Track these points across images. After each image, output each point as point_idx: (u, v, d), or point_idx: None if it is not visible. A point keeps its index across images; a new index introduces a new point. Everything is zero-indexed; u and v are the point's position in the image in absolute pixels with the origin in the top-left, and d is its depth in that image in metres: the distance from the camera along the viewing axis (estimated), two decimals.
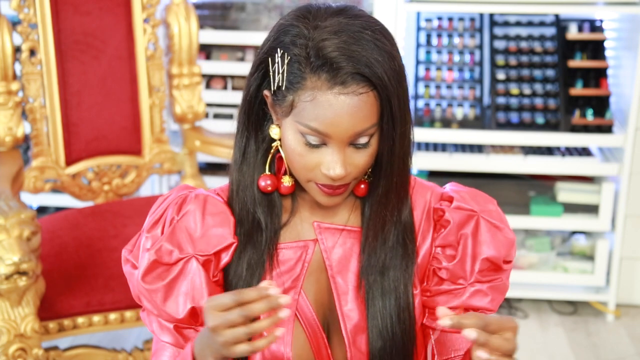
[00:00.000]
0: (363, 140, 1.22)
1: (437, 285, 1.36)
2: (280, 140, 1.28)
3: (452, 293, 1.35)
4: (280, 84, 1.21)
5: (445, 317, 1.13)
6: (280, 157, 1.31)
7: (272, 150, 1.30)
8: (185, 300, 1.29)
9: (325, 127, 1.19)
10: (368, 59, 1.18)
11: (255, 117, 1.30)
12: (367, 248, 1.32)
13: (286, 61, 1.20)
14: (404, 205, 1.33)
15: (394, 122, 1.22)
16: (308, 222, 1.35)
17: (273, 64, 1.22)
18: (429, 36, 3.21)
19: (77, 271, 2.23)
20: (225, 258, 1.32)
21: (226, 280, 1.33)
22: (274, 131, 1.28)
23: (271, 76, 1.23)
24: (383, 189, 1.28)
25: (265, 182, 1.31)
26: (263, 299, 1.13)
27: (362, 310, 1.33)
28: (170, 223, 1.32)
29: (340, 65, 1.17)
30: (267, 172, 1.31)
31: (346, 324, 1.33)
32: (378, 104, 1.20)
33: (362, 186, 1.32)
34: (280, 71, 1.21)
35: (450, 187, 1.40)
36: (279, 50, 1.21)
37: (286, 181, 1.31)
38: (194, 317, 1.31)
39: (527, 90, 3.13)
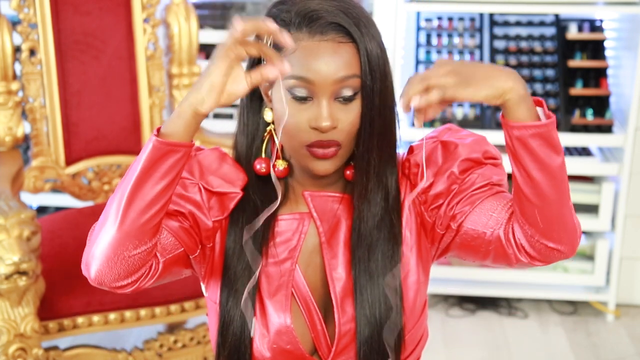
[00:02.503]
0: (347, 92, 1.26)
1: (450, 208, 1.34)
2: (273, 122, 1.33)
3: (457, 197, 1.33)
4: None
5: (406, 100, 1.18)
6: (275, 142, 1.35)
7: (266, 134, 1.35)
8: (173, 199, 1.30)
9: (307, 72, 1.24)
10: (347, 15, 1.25)
11: (254, 105, 1.36)
12: (358, 208, 1.34)
13: None
14: (387, 170, 1.34)
15: (372, 77, 1.26)
16: (303, 202, 1.38)
17: (264, 40, 1.27)
18: (429, 36, 3.21)
19: (77, 271, 2.22)
20: (230, 205, 1.35)
21: (227, 251, 1.36)
22: (267, 114, 1.33)
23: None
24: (363, 147, 1.30)
25: (260, 165, 1.35)
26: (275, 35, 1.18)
27: (349, 274, 1.35)
28: None
29: (319, 16, 1.25)
30: (262, 155, 1.36)
31: (335, 286, 1.35)
32: (358, 58, 1.26)
33: (348, 172, 1.35)
34: (269, 42, 1.25)
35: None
36: None
37: (279, 164, 1.35)
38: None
39: None
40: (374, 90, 1.26)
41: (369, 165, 1.31)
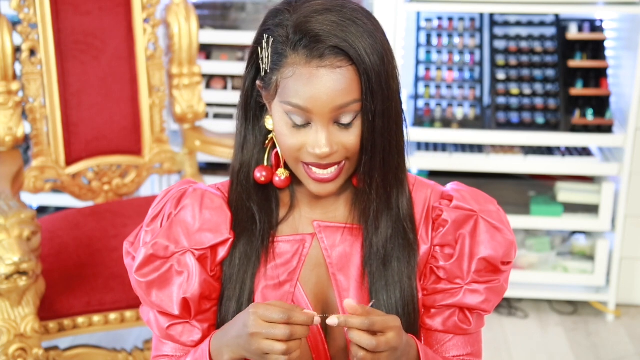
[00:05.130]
0: (346, 119, 1.23)
1: (434, 284, 1.36)
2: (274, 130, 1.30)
3: (448, 292, 1.35)
4: (266, 68, 1.24)
5: (333, 317, 1.18)
6: (277, 151, 1.32)
7: (267, 142, 1.32)
8: (179, 292, 1.31)
9: (305, 102, 1.21)
10: (345, 34, 1.20)
11: (252, 110, 1.32)
12: (366, 234, 1.32)
13: (270, 43, 1.23)
14: (395, 189, 1.31)
15: (373, 98, 1.22)
16: (307, 217, 1.35)
17: (261, 51, 1.25)
18: (429, 36, 3.21)
19: (77, 271, 2.23)
20: (222, 253, 1.34)
21: (223, 274, 1.35)
22: (268, 122, 1.30)
23: (260, 64, 1.25)
24: (365, 167, 1.27)
25: (260, 173, 1.32)
26: (308, 324, 1.18)
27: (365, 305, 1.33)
28: (168, 217, 1.34)
29: (317, 39, 1.20)
30: (264, 163, 1.33)
31: None
32: (358, 80, 1.21)
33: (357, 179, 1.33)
34: (266, 55, 1.24)
35: (451, 186, 1.40)
36: (264, 35, 1.24)
37: (280, 173, 1.32)
38: (187, 309, 1.32)
39: (527, 90, 3.13)
40: (376, 112, 1.23)
41: (371, 187, 1.29)
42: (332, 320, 1.18)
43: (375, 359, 1.19)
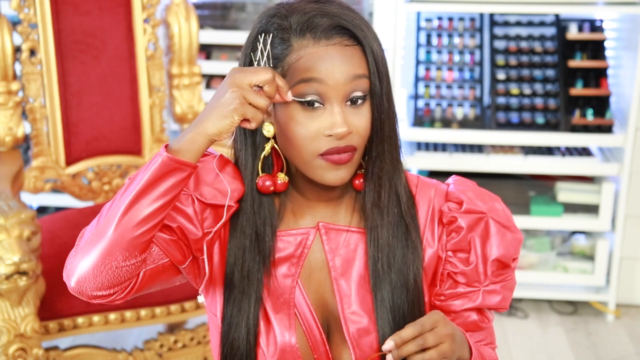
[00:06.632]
0: (358, 94, 1.24)
1: (451, 289, 1.36)
2: (274, 137, 1.29)
3: (467, 296, 1.36)
4: (268, 65, 1.25)
5: (387, 344, 1.20)
6: (277, 156, 1.32)
7: (264, 153, 1.31)
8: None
9: (320, 74, 1.23)
10: (347, 17, 1.25)
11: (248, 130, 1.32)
12: (369, 237, 1.32)
13: (269, 40, 1.26)
14: (396, 175, 1.32)
15: (380, 78, 1.25)
16: (308, 218, 1.35)
17: (255, 55, 1.26)
18: (429, 36, 3.21)
19: None
20: (224, 218, 1.32)
21: (227, 271, 1.34)
22: (266, 129, 1.29)
23: (259, 63, 1.26)
24: (375, 152, 1.28)
25: (263, 183, 1.31)
26: (285, 90, 1.22)
27: (368, 312, 1.33)
28: None
29: (322, 21, 1.24)
30: (261, 173, 1.32)
31: (348, 327, 1.33)
32: (365, 59, 1.25)
33: (357, 182, 1.33)
34: (265, 52, 1.25)
35: (453, 185, 1.40)
36: (259, 37, 1.26)
37: (281, 178, 1.32)
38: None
39: (527, 90, 3.13)
40: (382, 91, 1.25)
41: (382, 171, 1.29)
42: (391, 352, 1.20)
43: (440, 354, 1.21)
